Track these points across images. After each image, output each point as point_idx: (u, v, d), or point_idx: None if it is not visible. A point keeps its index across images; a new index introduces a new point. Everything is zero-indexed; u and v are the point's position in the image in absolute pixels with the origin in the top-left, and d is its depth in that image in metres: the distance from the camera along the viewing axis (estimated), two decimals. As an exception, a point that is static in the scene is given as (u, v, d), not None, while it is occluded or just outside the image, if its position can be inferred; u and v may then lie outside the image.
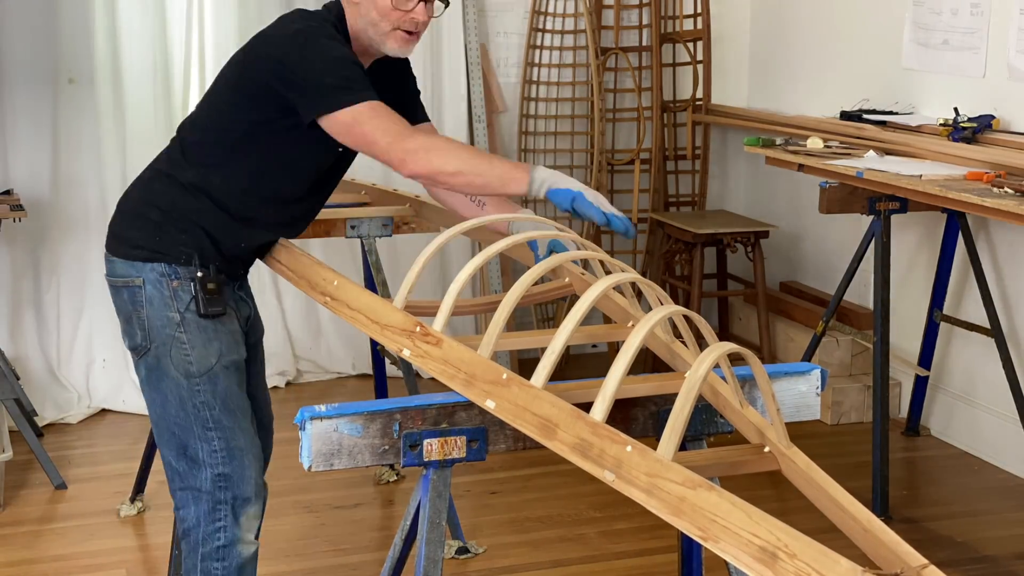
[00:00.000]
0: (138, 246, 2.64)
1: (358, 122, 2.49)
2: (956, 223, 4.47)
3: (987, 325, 4.38)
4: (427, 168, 2.46)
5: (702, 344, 2.02)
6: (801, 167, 4.38)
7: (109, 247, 2.71)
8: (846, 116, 4.86)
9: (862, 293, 5.12)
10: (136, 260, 2.64)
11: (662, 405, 2.12)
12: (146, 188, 2.72)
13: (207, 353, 2.62)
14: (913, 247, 4.96)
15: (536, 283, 2.17)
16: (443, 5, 2.66)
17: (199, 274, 2.62)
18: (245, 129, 2.62)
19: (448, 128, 5.54)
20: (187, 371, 2.61)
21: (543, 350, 1.96)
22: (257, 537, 2.73)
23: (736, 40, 5.99)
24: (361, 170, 5.30)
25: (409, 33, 2.61)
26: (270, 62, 2.55)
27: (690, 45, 5.75)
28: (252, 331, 2.91)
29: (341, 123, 2.50)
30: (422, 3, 2.58)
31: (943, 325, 4.69)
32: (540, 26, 5.70)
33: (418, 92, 2.88)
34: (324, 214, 3.85)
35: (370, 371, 4.93)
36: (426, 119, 2.87)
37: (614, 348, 5.58)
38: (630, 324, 2.29)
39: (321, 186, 2.78)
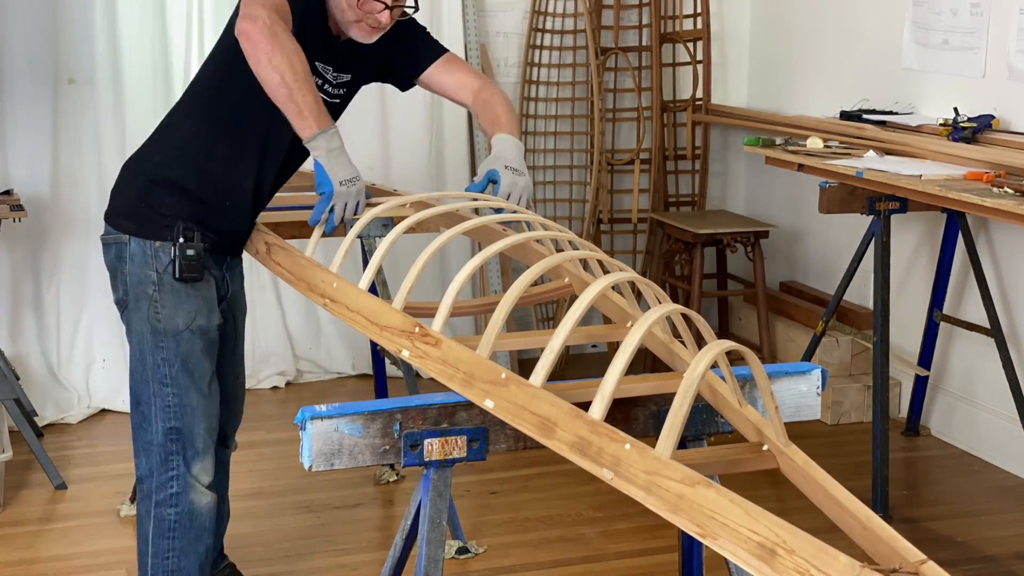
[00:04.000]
0: (125, 215, 2.82)
1: None
2: (956, 223, 4.47)
3: (987, 325, 4.38)
4: (253, 49, 2.51)
5: (701, 343, 2.02)
6: (801, 167, 4.38)
7: (106, 214, 2.88)
8: (846, 116, 4.87)
9: (862, 293, 5.12)
10: (124, 232, 2.81)
11: (662, 404, 2.12)
12: (139, 153, 2.91)
13: (176, 314, 2.77)
14: (913, 247, 4.96)
15: (535, 283, 2.17)
16: (412, 8, 2.78)
17: (180, 240, 2.74)
18: (212, 72, 2.81)
19: (448, 128, 5.55)
20: (154, 328, 2.77)
21: (542, 350, 1.96)
22: (210, 488, 2.87)
23: (736, 40, 6.00)
24: (360, 171, 5.32)
25: (373, 27, 2.74)
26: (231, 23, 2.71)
27: (690, 45, 5.76)
28: (232, 308, 3.04)
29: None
30: (387, 10, 2.70)
31: (943, 325, 4.69)
32: (540, 26, 5.71)
33: (416, 29, 2.94)
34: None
35: (370, 371, 4.93)
36: (441, 53, 2.95)
37: (613, 348, 5.58)
38: (628, 324, 2.29)
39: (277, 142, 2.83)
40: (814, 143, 4.58)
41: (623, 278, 2.07)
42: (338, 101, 2.88)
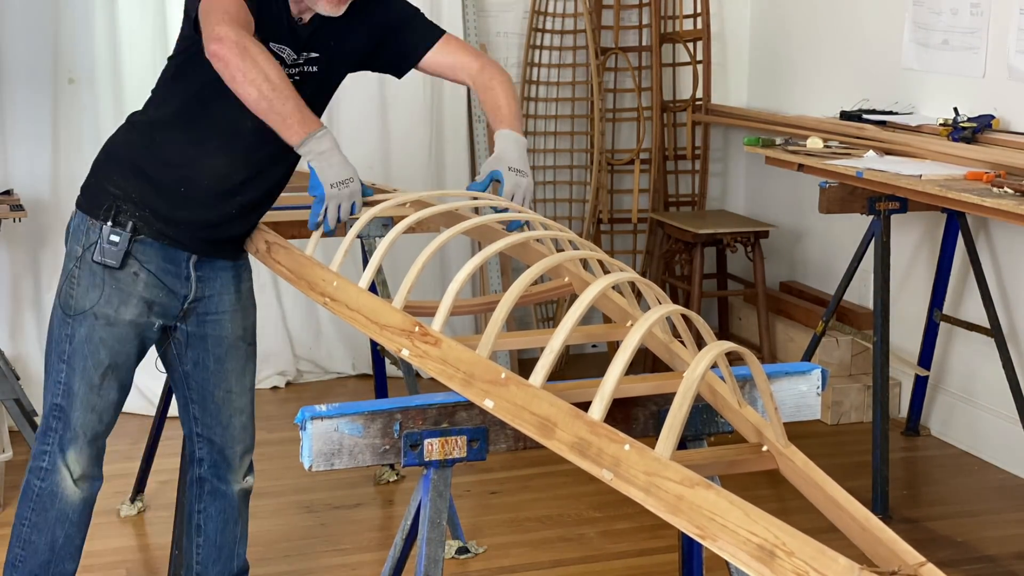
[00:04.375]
0: (81, 190, 2.87)
1: (204, 4, 2.52)
2: (956, 223, 4.47)
3: (987, 325, 4.38)
4: (226, 66, 2.44)
5: (701, 344, 2.02)
6: (801, 167, 4.38)
7: None
8: (846, 116, 4.86)
9: (862, 293, 5.12)
10: (77, 206, 2.87)
11: (663, 404, 2.12)
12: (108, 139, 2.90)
13: (87, 296, 2.75)
14: (913, 247, 4.96)
15: (535, 282, 2.17)
16: None
17: (108, 223, 2.74)
18: (180, 60, 2.75)
19: (448, 127, 5.55)
20: (66, 303, 2.77)
21: (542, 349, 1.96)
22: (83, 484, 2.84)
23: (736, 40, 6.00)
24: (360, 170, 5.32)
25: None
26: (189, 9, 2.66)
27: (690, 45, 5.75)
28: (206, 321, 2.88)
29: (201, 7, 2.54)
30: None
31: (943, 325, 4.69)
32: (540, 26, 5.71)
33: (411, 14, 2.85)
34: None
35: (370, 371, 4.93)
36: (438, 36, 2.84)
37: (613, 347, 5.58)
38: (628, 323, 2.29)
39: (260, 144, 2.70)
40: (814, 143, 4.58)
41: (624, 278, 2.07)
42: (298, 79, 2.71)
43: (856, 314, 5.13)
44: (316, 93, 2.78)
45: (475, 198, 2.71)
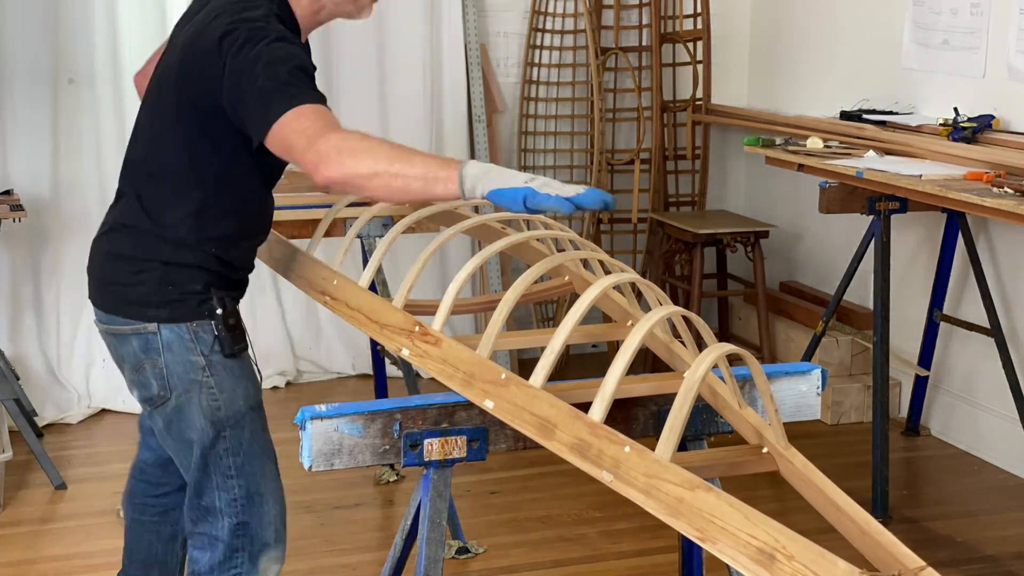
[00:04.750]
0: (148, 304, 2.45)
1: (281, 133, 2.20)
2: (956, 223, 4.47)
3: (987, 325, 4.38)
4: (339, 172, 2.10)
5: (701, 345, 2.02)
6: (801, 167, 4.38)
7: (108, 305, 2.50)
8: (846, 116, 4.86)
9: (862, 293, 5.11)
10: (150, 320, 2.44)
11: (663, 405, 2.12)
12: (137, 242, 2.48)
13: (235, 396, 2.50)
14: (913, 247, 4.96)
15: (536, 281, 2.17)
16: None
17: (219, 311, 2.44)
18: (218, 160, 2.44)
19: (448, 128, 5.55)
20: (215, 417, 2.48)
21: (543, 349, 1.96)
22: (279, 564, 2.60)
23: (736, 40, 5.99)
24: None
25: None
26: (214, 83, 2.32)
27: (690, 45, 5.75)
28: None
29: (270, 141, 2.24)
30: None
31: (943, 325, 4.69)
32: (540, 26, 5.71)
33: None
34: (323, 214, 3.84)
35: (370, 371, 4.93)
36: None
37: (613, 347, 5.58)
38: (629, 323, 2.29)
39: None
40: (814, 143, 4.58)
41: (625, 279, 2.07)
42: None
43: (856, 314, 5.13)
44: None
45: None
